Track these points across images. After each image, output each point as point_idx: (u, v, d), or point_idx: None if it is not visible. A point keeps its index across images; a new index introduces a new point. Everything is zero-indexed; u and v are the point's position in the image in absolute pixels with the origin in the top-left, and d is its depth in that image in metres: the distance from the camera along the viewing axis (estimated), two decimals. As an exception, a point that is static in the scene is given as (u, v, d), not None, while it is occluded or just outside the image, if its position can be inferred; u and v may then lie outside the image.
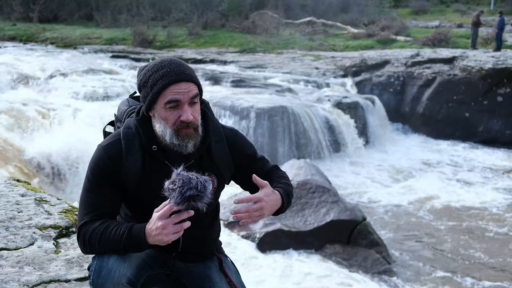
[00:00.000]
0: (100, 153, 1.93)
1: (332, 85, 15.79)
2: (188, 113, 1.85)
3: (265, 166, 2.15)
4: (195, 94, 1.88)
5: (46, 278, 2.34)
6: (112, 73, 15.43)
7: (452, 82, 15.25)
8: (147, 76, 1.88)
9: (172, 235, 1.73)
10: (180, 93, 1.84)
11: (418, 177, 11.58)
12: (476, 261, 7.63)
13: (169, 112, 1.86)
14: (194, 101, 1.88)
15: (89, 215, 1.88)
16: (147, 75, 1.89)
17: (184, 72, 1.87)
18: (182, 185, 1.69)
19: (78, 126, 10.37)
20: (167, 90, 1.84)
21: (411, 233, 8.59)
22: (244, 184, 2.15)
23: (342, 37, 24.99)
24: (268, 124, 11.68)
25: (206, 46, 23.04)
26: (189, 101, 1.86)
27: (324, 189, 7.73)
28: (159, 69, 1.87)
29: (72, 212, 3.14)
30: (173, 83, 1.84)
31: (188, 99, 1.86)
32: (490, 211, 9.62)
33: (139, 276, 1.88)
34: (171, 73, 1.85)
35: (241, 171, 2.10)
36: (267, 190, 1.94)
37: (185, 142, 1.88)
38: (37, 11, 28.65)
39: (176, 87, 1.84)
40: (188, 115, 1.85)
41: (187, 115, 1.85)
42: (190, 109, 1.87)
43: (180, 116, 1.85)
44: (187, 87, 1.85)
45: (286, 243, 7.26)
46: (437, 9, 38.96)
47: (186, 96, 1.85)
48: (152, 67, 1.89)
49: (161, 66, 1.88)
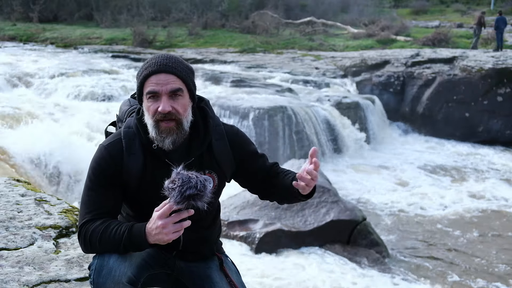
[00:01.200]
0: (102, 152, 1.94)
1: (332, 85, 15.80)
2: (165, 104, 1.85)
3: (266, 163, 2.15)
4: (176, 88, 1.87)
5: (46, 278, 2.34)
6: (112, 73, 15.42)
7: (452, 82, 15.25)
8: (139, 69, 1.94)
9: (172, 234, 1.73)
10: (159, 84, 1.86)
11: (418, 177, 11.58)
12: (477, 261, 7.63)
13: (150, 103, 1.88)
14: (176, 94, 1.88)
15: (90, 214, 1.88)
16: (139, 69, 1.94)
17: (166, 64, 1.88)
18: (182, 184, 1.69)
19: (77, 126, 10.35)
20: (148, 81, 1.88)
21: (411, 233, 8.59)
22: (245, 182, 2.16)
23: (342, 37, 25.00)
24: (268, 124, 11.68)
25: (206, 46, 23.03)
26: (168, 93, 1.86)
27: (324, 189, 7.73)
28: (147, 62, 1.92)
29: (72, 212, 3.14)
30: (152, 74, 1.87)
31: (167, 91, 1.86)
32: (490, 211, 9.62)
33: (140, 276, 1.88)
34: (153, 65, 1.88)
35: (242, 168, 2.09)
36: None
37: (162, 136, 1.88)
38: (37, 11, 28.65)
39: (155, 78, 1.87)
40: (165, 106, 1.85)
41: (163, 106, 1.85)
42: (171, 101, 1.86)
43: (158, 107, 1.86)
44: (166, 79, 1.87)
45: (286, 243, 7.25)
46: (437, 9, 38.98)
47: (165, 88, 1.86)
48: (144, 62, 1.95)
49: (150, 59, 1.93)
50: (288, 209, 7.54)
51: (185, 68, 1.92)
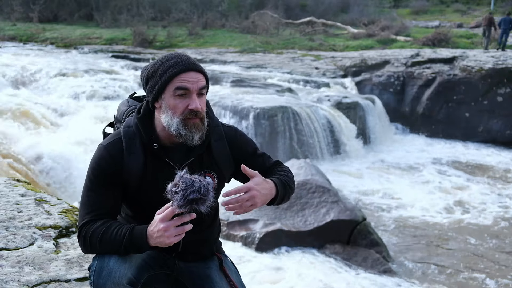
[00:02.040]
0: (101, 152, 1.93)
1: (332, 85, 15.79)
2: (197, 102, 1.87)
3: (267, 162, 2.14)
4: (204, 86, 1.91)
5: (46, 278, 2.34)
6: (112, 73, 15.42)
7: (452, 82, 15.25)
8: (156, 66, 1.91)
9: (174, 238, 1.73)
10: (190, 81, 1.87)
11: (418, 177, 11.58)
12: (477, 261, 7.63)
13: (178, 101, 1.87)
14: (202, 92, 1.90)
15: (90, 214, 1.88)
16: (155, 65, 1.91)
17: (194, 63, 1.91)
18: (185, 188, 1.69)
19: (76, 126, 10.36)
20: (177, 77, 1.87)
21: (411, 233, 8.59)
22: (244, 181, 2.15)
23: (342, 37, 24.99)
24: (268, 124, 11.68)
25: (206, 46, 23.03)
26: (197, 91, 1.88)
27: (324, 189, 7.73)
28: (168, 60, 1.90)
29: (72, 212, 3.14)
30: (183, 71, 1.87)
31: (197, 88, 1.88)
32: (490, 210, 9.62)
33: (140, 277, 1.88)
34: (182, 62, 1.88)
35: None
36: (257, 179, 1.91)
37: (192, 132, 1.88)
38: (37, 11, 28.66)
39: (186, 76, 1.87)
40: (197, 104, 1.86)
41: (196, 104, 1.86)
42: (198, 99, 1.88)
43: (189, 105, 1.86)
44: (196, 77, 1.88)
45: (286, 243, 7.25)
46: (437, 9, 38.98)
47: (196, 85, 1.88)
48: (161, 58, 1.93)
49: (170, 57, 1.91)
50: (288, 209, 7.55)
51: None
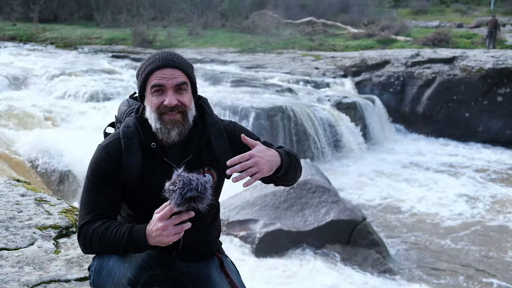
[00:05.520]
0: (101, 152, 1.94)
1: (332, 85, 15.78)
2: (171, 98, 1.88)
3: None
4: (181, 82, 1.91)
5: (46, 278, 2.34)
6: (112, 73, 15.42)
7: (452, 82, 15.24)
8: (140, 66, 1.96)
9: (172, 236, 1.74)
10: (165, 78, 1.89)
11: (419, 178, 11.58)
12: (478, 261, 7.62)
13: (154, 97, 1.90)
14: (181, 88, 1.91)
15: (90, 214, 1.88)
16: (140, 65, 1.96)
17: (171, 59, 1.92)
18: (183, 186, 1.69)
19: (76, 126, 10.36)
20: (153, 75, 1.90)
21: (411, 233, 8.58)
22: None
23: (342, 37, 24.98)
24: (268, 124, 11.68)
25: (206, 46, 23.02)
26: (173, 87, 1.89)
27: (324, 189, 7.73)
28: (149, 58, 1.94)
29: (72, 212, 3.14)
30: (158, 69, 1.90)
31: (173, 85, 1.89)
32: (490, 211, 9.61)
33: (140, 277, 1.88)
34: (158, 60, 1.91)
35: None
36: (259, 147, 1.85)
37: (167, 127, 1.89)
38: (37, 11, 28.64)
39: (160, 73, 1.89)
40: (171, 100, 1.87)
41: (169, 99, 1.87)
42: (177, 95, 1.89)
43: (164, 101, 1.88)
44: (172, 73, 1.90)
45: (286, 243, 7.25)
46: (437, 9, 39.01)
47: (171, 82, 1.89)
48: (146, 58, 1.97)
49: (152, 55, 1.95)
50: (288, 209, 7.55)
51: (188, 64, 1.97)
